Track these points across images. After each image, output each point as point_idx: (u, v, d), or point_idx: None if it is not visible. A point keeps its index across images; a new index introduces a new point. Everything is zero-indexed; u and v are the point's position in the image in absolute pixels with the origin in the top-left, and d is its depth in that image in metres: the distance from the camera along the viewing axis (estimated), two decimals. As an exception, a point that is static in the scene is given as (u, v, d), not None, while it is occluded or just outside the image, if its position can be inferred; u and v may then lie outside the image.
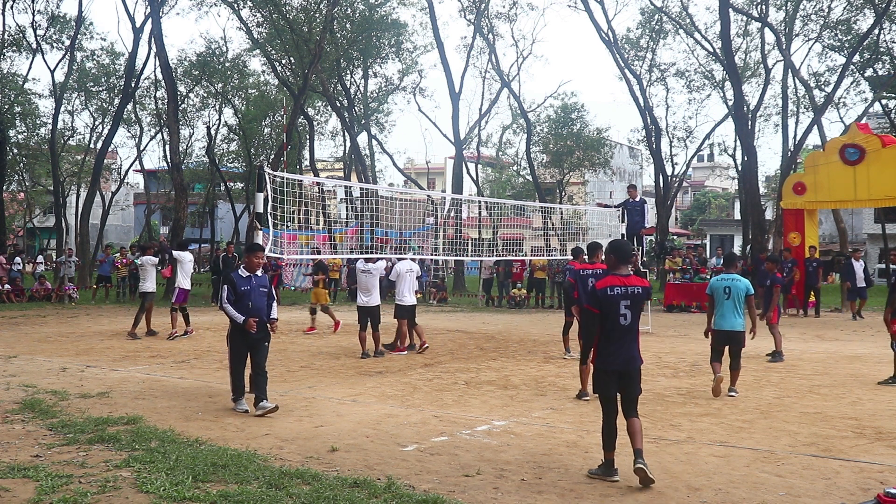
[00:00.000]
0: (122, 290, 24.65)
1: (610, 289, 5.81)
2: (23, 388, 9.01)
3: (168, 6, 32.16)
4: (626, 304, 5.79)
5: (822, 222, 39.02)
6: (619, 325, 5.79)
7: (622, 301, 5.78)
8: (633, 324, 5.84)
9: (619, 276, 5.89)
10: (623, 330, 5.81)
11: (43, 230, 55.40)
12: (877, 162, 19.54)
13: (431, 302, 25.58)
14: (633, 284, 5.85)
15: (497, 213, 32.02)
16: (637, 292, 5.84)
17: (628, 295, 5.80)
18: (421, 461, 6.17)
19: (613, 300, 5.79)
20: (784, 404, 8.63)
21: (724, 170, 72.59)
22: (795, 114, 34.13)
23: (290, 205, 11.59)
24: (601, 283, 5.91)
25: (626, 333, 5.82)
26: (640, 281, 5.94)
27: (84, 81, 37.25)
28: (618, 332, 5.81)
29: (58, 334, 14.81)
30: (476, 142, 40.90)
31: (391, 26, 32.68)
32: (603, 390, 5.88)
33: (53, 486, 5.28)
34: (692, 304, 21.79)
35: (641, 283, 5.93)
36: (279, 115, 36.86)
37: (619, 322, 5.79)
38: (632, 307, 5.82)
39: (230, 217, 45.82)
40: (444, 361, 12.00)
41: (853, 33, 28.86)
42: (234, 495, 5.11)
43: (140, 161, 47.41)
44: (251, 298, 8.03)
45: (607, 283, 5.86)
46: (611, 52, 31.76)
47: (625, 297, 5.79)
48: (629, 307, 5.80)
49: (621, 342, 5.81)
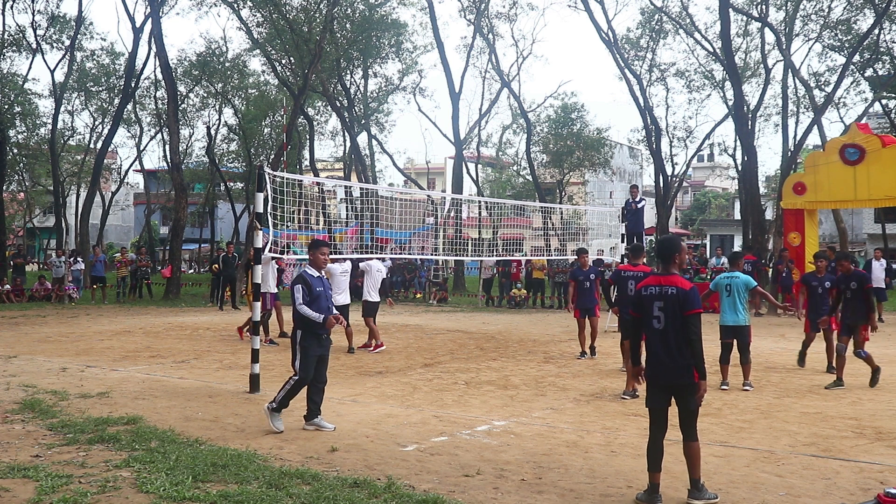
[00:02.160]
0: (121, 289, 24.65)
1: (644, 289, 5.44)
2: (23, 388, 9.01)
3: (168, 6, 32.21)
4: (659, 306, 5.31)
5: (822, 222, 38.99)
6: (652, 329, 5.34)
7: (655, 302, 5.33)
8: (668, 328, 5.27)
9: (660, 275, 5.47)
10: (657, 335, 5.31)
11: (43, 230, 55.41)
12: (877, 162, 19.53)
13: (431, 302, 25.57)
14: (669, 284, 5.33)
15: (497, 213, 32.03)
16: (671, 293, 5.29)
17: (662, 295, 5.31)
18: (421, 461, 6.17)
19: (646, 301, 5.38)
20: (784, 404, 8.63)
21: (724, 170, 72.53)
22: (795, 114, 34.11)
23: (290, 205, 11.59)
24: (641, 283, 5.59)
25: (662, 339, 5.28)
26: (681, 282, 5.35)
27: (84, 81, 37.29)
28: (652, 336, 5.35)
29: (58, 334, 14.81)
30: (476, 142, 40.92)
31: (391, 26, 32.68)
32: (647, 401, 5.45)
33: (53, 486, 5.28)
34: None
35: (681, 283, 5.33)
36: (279, 115, 36.86)
37: (652, 325, 5.34)
38: (666, 309, 5.28)
39: (230, 217, 45.85)
40: (444, 361, 12.00)
41: (853, 33, 28.84)
42: (234, 495, 5.11)
43: (140, 161, 47.48)
44: (325, 298, 7.37)
45: (645, 282, 5.52)
46: (611, 52, 31.73)
47: (658, 297, 5.32)
48: (663, 309, 5.29)
49: (657, 349, 5.31)
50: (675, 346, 5.24)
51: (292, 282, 7.47)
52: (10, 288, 23.54)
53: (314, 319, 7.14)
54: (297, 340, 7.23)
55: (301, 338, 7.20)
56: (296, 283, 7.33)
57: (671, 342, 5.24)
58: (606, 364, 11.81)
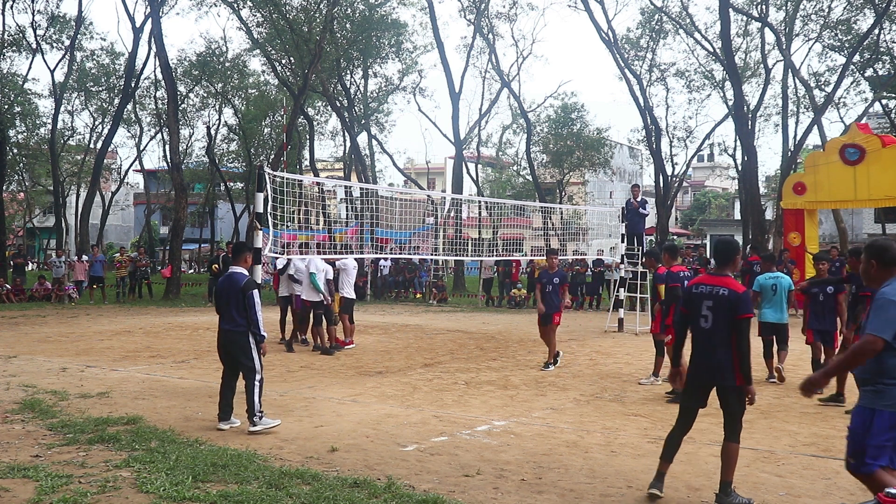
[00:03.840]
0: (121, 289, 24.64)
1: (695, 287, 5.45)
2: (23, 388, 9.01)
3: (168, 6, 32.20)
4: (708, 305, 5.30)
5: (822, 222, 38.97)
6: (700, 328, 5.35)
7: (705, 301, 5.32)
8: (715, 328, 5.26)
9: (712, 275, 5.47)
10: (703, 334, 5.32)
11: (43, 230, 55.41)
12: (877, 162, 19.51)
13: (431, 302, 25.57)
14: (722, 285, 5.31)
15: (497, 213, 32.02)
16: (722, 294, 5.27)
17: (712, 295, 5.31)
18: (421, 461, 6.17)
19: (696, 299, 5.38)
20: (784, 404, 8.63)
21: (724, 170, 72.50)
22: (795, 114, 34.11)
23: (290, 205, 11.59)
24: (692, 281, 5.60)
25: (708, 338, 5.28)
26: (734, 284, 5.33)
27: (84, 81, 37.29)
28: (699, 335, 5.36)
29: (58, 334, 14.80)
30: (476, 142, 40.91)
31: (391, 26, 32.66)
32: (681, 398, 5.59)
33: (53, 486, 5.28)
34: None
35: (734, 286, 5.31)
36: (279, 115, 36.87)
37: (699, 324, 5.35)
38: (714, 309, 5.27)
39: (230, 217, 45.85)
40: (444, 361, 12.00)
41: (853, 33, 28.83)
42: (234, 495, 5.11)
43: (140, 161, 47.47)
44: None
45: (695, 280, 5.55)
46: (611, 52, 31.74)
47: (708, 297, 5.32)
48: (711, 308, 5.28)
49: (703, 348, 5.32)
50: (720, 346, 5.23)
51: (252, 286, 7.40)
52: (10, 288, 23.53)
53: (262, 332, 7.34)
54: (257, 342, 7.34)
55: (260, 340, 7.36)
56: (254, 289, 7.40)
57: (716, 342, 5.25)
58: (606, 364, 11.80)
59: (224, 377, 7.48)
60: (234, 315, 7.27)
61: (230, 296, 7.31)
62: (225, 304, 7.35)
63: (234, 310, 7.27)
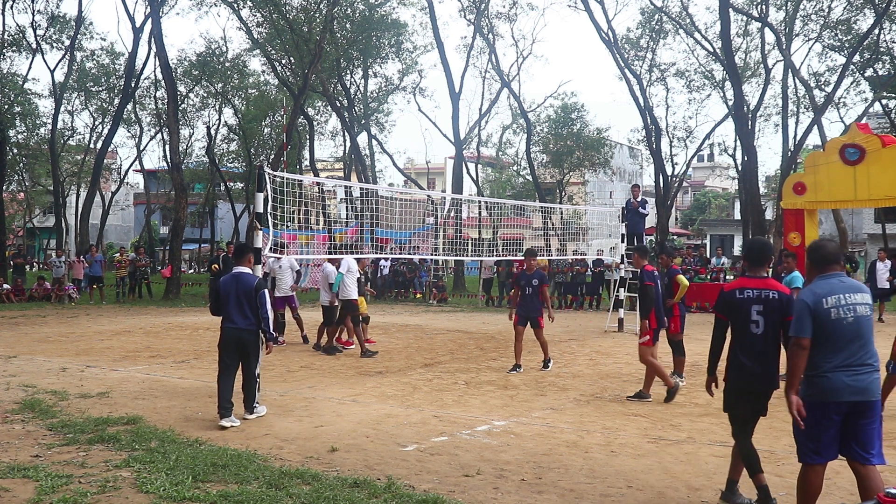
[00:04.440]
0: (121, 289, 24.64)
1: (740, 291, 5.16)
2: (23, 388, 9.01)
3: (168, 6, 32.22)
4: (758, 310, 5.10)
5: (822, 222, 39.03)
6: (750, 334, 5.11)
7: (754, 306, 5.10)
8: (768, 333, 5.09)
9: (753, 278, 5.22)
10: (755, 340, 5.11)
11: (43, 230, 55.41)
12: (877, 162, 19.48)
13: (431, 302, 25.57)
14: (769, 288, 5.13)
15: (497, 213, 32.01)
16: (772, 297, 5.09)
17: (761, 299, 5.11)
18: (421, 461, 6.17)
19: (744, 305, 5.12)
20: (784, 404, 8.60)
21: (724, 170, 72.51)
22: (795, 114, 34.10)
23: (290, 205, 11.59)
24: (730, 285, 5.30)
25: (761, 344, 5.10)
26: (780, 286, 5.18)
27: (84, 81, 37.30)
28: (749, 341, 5.12)
29: (58, 334, 14.80)
30: (476, 142, 40.91)
31: (391, 26, 32.68)
32: (733, 409, 5.29)
33: (53, 486, 5.28)
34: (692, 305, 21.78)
35: (781, 288, 5.16)
36: (279, 115, 36.88)
37: (749, 330, 5.11)
38: (766, 314, 5.08)
39: (230, 217, 45.86)
40: (444, 361, 12.00)
41: (853, 33, 28.83)
42: (234, 495, 5.11)
43: (140, 161, 47.49)
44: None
45: (737, 284, 5.24)
46: (611, 52, 31.73)
47: (757, 301, 5.11)
48: (762, 313, 5.09)
49: (756, 354, 5.11)
50: (773, 352, 5.12)
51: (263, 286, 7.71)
52: (10, 288, 23.53)
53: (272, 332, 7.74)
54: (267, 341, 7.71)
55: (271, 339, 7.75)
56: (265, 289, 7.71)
57: (769, 348, 5.11)
58: (606, 364, 11.80)
59: (223, 373, 7.54)
60: (248, 314, 7.46)
61: (242, 295, 7.47)
62: (236, 304, 7.48)
63: (249, 308, 7.47)
